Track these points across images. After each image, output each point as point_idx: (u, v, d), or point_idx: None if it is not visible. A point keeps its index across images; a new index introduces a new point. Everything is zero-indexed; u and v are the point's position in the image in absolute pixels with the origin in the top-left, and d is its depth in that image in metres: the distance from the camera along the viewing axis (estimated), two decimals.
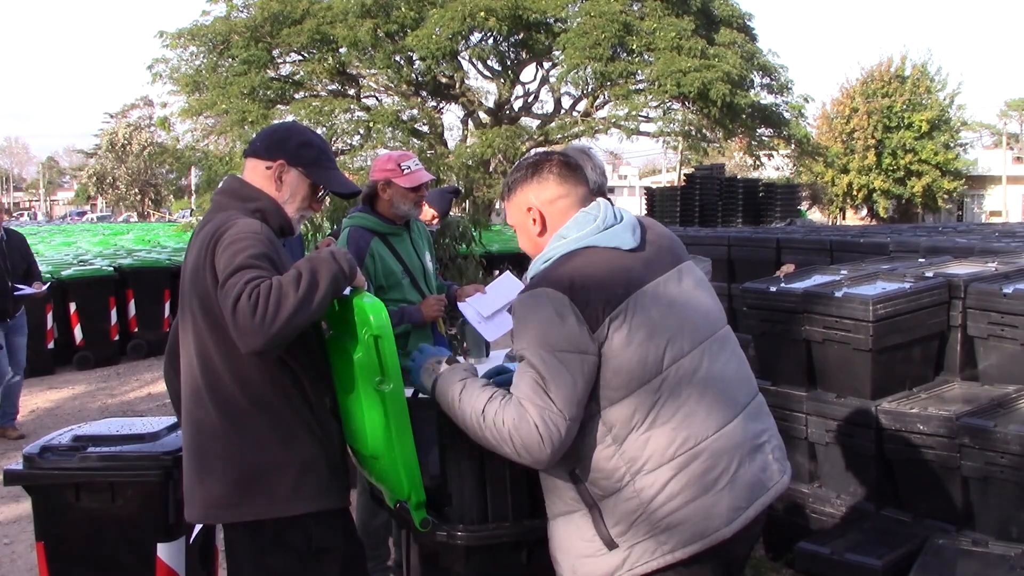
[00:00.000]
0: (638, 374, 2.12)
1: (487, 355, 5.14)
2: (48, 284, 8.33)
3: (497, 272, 9.76)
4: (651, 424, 2.13)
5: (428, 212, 4.99)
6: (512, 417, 2.08)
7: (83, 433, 3.40)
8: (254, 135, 2.70)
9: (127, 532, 3.22)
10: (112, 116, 61.83)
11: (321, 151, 2.55)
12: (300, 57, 26.84)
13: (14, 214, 71.71)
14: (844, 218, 39.91)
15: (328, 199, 3.13)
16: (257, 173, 2.50)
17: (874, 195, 37.48)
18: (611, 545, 2.15)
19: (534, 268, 2.29)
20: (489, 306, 4.03)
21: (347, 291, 2.35)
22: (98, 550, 3.24)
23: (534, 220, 2.33)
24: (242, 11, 26.65)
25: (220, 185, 2.57)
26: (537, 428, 2.06)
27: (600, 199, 2.36)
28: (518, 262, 11.97)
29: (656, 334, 2.14)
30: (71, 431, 3.45)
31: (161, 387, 8.11)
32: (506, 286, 4.09)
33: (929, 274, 4.35)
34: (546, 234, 2.32)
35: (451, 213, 9.69)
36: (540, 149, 24.58)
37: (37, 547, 3.25)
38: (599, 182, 3.67)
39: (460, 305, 4.09)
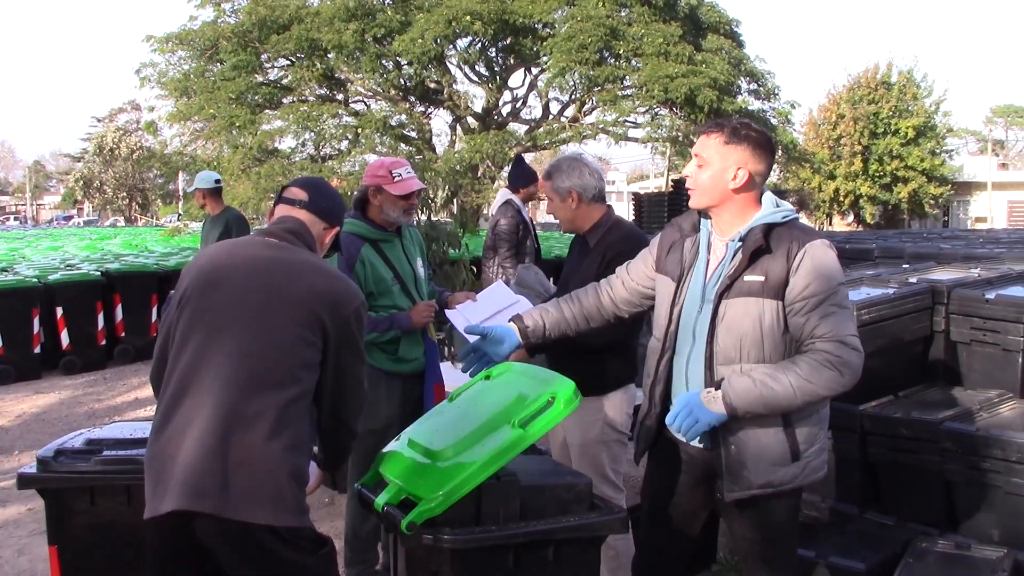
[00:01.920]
0: None
1: None
2: None
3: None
4: None
5: None
6: (835, 356, 2.55)
7: (96, 436, 3.39)
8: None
9: (142, 537, 3.21)
10: (99, 120, 61.59)
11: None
12: (288, 62, 26.82)
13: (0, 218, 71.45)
14: (831, 224, 40.05)
15: None
16: (314, 229, 2.75)
17: (861, 201, 37.62)
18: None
19: (773, 217, 2.69)
20: (478, 314, 4.04)
21: None
22: (113, 554, 3.23)
23: (735, 176, 2.69)
24: (230, 16, 26.62)
25: (287, 224, 2.71)
26: (857, 352, 2.58)
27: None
28: None
29: None
30: (83, 434, 3.43)
31: (148, 392, 8.09)
32: (497, 295, 4.10)
33: (913, 280, 4.39)
34: (743, 193, 2.71)
35: (440, 218, 9.71)
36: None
37: (50, 551, 3.24)
38: (599, 187, 3.71)
39: (448, 312, 4.09)
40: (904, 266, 5.26)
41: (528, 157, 36.38)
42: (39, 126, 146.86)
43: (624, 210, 33.29)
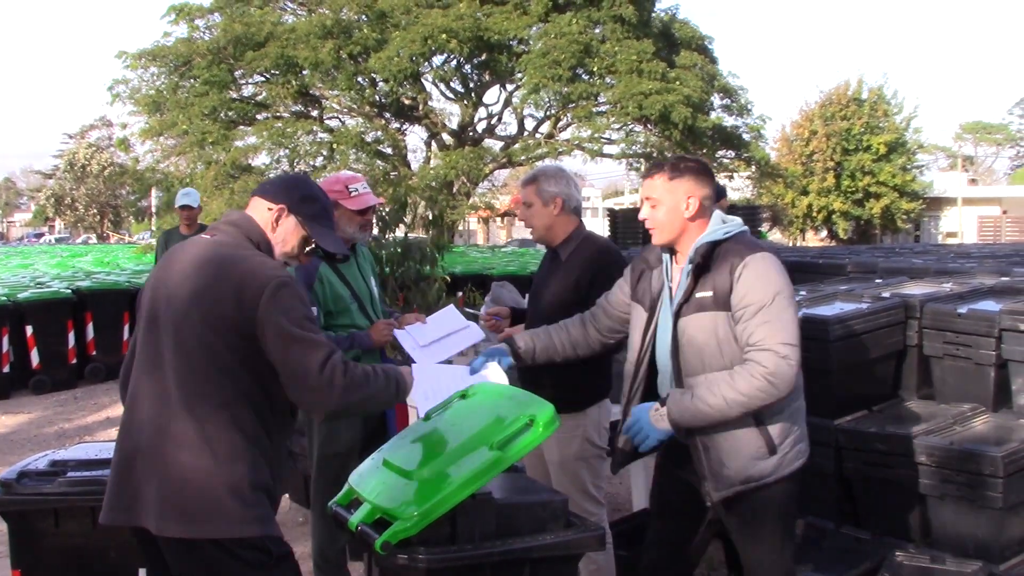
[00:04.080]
0: None
1: None
2: None
3: (460, 294, 9.79)
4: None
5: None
6: (766, 365, 2.67)
7: (60, 458, 3.35)
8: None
9: (108, 558, 3.16)
10: (71, 137, 61.20)
11: (324, 209, 2.70)
12: (263, 78, 26.75)
13: None
14: (804, 239, 40.35)
15: None
16: (258, 211, 2.62)
17: (833, 216, 37.93)
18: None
19: (714, 235, 2.85)
20: (427, 336, 4.01)
21: None
22: None
23: (687, 207, 2.89)
24: (204, 33, 26.54)
25: (228, 217, 2.65)
26: (787, 360, 2.69)
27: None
28: (480, 283, 11.98)
29: None
30: (47, 456, 3.39)
31: (119, 411, 7.99)
32: (447, 319, 4.09)
33: (886, 295, 4.41)
34: (697, 220, 2.90)
35: (414, 234, 9.67)
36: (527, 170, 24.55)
37: (13, 575, 3.19)
38: (579, 200, 3.73)
39: (396, 332, 4.03)
40: (877, 281, 5.28)
41: (503, 173, 36.53)
42: (9, 143, 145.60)
43: (599, 225, 33.39)
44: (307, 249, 2.69)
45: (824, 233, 40.15)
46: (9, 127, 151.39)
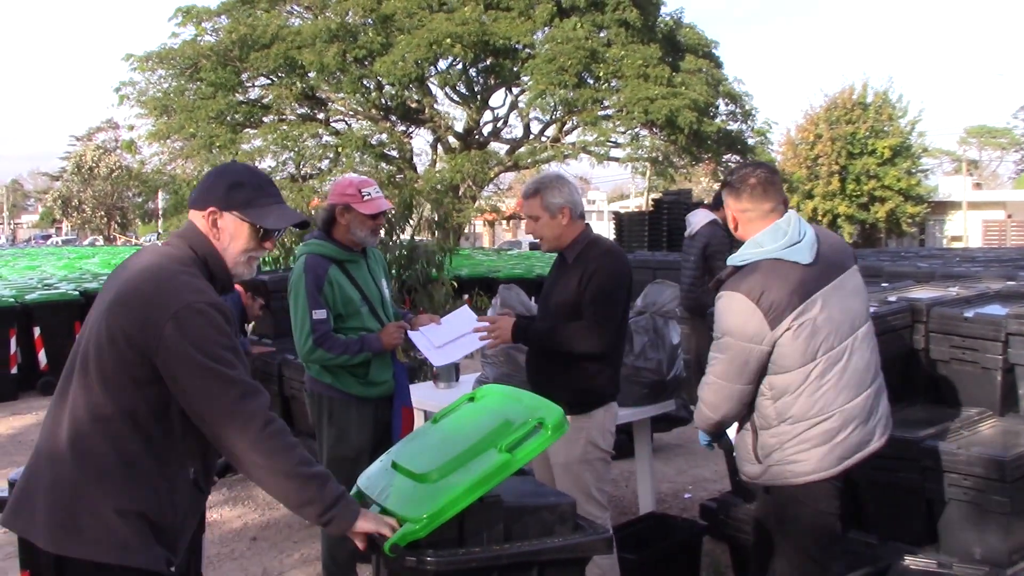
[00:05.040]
0: (799, 360, 2.94)
1: (457, 379, 5.15)
2: None
3: (467, 297, 9.81)
4: (799, 393, 2.97)
5: None
6: (708, 394, 3.09)
7: None
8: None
9: None
10: (78, 139, 61.31)
11: (255, 188, 2.45)
12: (269, 81, 26.82)
13: None
14: None
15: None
16: (197, 224, 2.42)
17: (838, 220, 37.86)
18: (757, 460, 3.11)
19: (734, 260, 3.08)
20: (441, 337, 4.03)
21: None
22: None
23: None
24: (211, 35, 26.63)
25: (183, 227, 2.47)
26: (718, 394, 3.06)
27: (791, 212, 3.09)
28: (487, 286, 11.99)
29: (817, 333, 2.94)
30: None
31: None
32: (461, 319, 4.10)
33: (892, 299, 4.41)
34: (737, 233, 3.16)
35: (420, 238, 9.70)
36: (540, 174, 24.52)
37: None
38: (582, 204, 3.74)
39: (411, 333, 4.05)
40: (883, 285, 5.29)
41: (508, 177, 36.57)
42: (17, 145, 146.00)
43: (605, 229, 33.39)
44: (264, 238, 2.46)
45: None
46: (16, 129, 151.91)
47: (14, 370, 9.69)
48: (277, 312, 6.44)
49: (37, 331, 9.90)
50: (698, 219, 7.35)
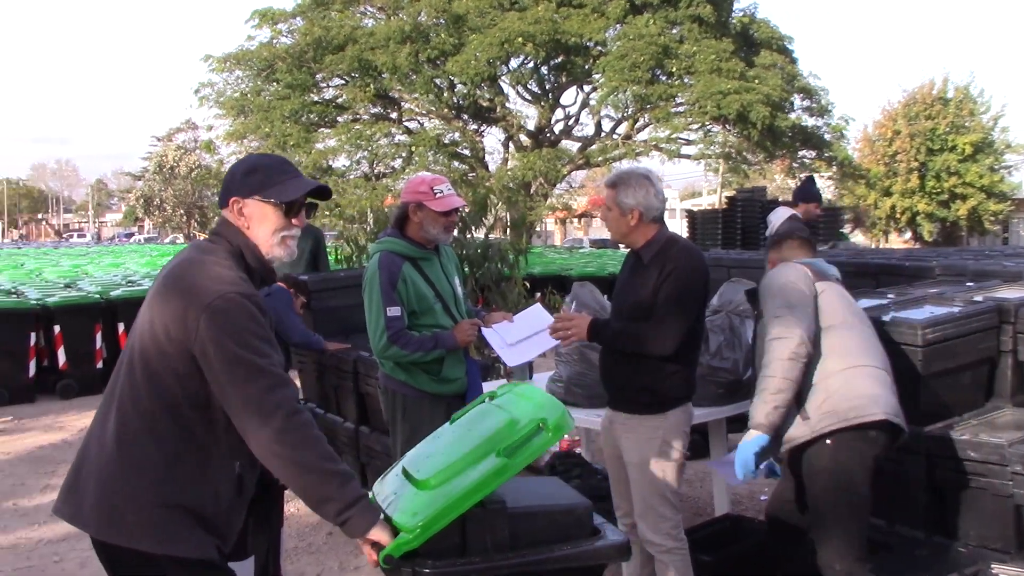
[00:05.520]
0: (839, 313, 3.51)
1: (530, 378, 5.15)
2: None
3: (539, 295, 9.80)
4: (843, 338, 3.46)
5: None
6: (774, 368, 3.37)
7: None
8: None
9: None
10: (159, 140, 62.87)
11: (268, 169, 2.48)
12: (343, 81, 27.15)
13: (64, 235, 73.16)
14: (887, 241, 39.45)
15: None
16: (228, 217, 2.47)
17: (918, 218, 37.02)
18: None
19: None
20: (514, 334, 4.02)
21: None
22: None
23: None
24: (286, 36, 27.06)
25: (217, 223, 2.52)
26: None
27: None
28: (559, 285, 11.97)
29: (844, 298, 3.59)
30: None
31: None
32: (534, 317, 4.08)
33: (978, 298, 4.29)
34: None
35: (494, 236, 9.73)
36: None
37: None
38: (661, 209, 3.66)
39: (484, 331, 4.05)
40: (968, 284, 5.14)
41: (580, 174, 36.50)
42: (101, 146, 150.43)
43: (677, 227, 33.12)
44: (289, 214, 2.47)
45: (908, 235, 39.20)
46: (101, 130, 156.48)
47: (99, 365, 9.91)
48: (317, 312, 6.48)
49: (121, 327, 10.11)
50: (778, 217, 7.20)
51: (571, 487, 2.66)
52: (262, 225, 2.44)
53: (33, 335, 9.53)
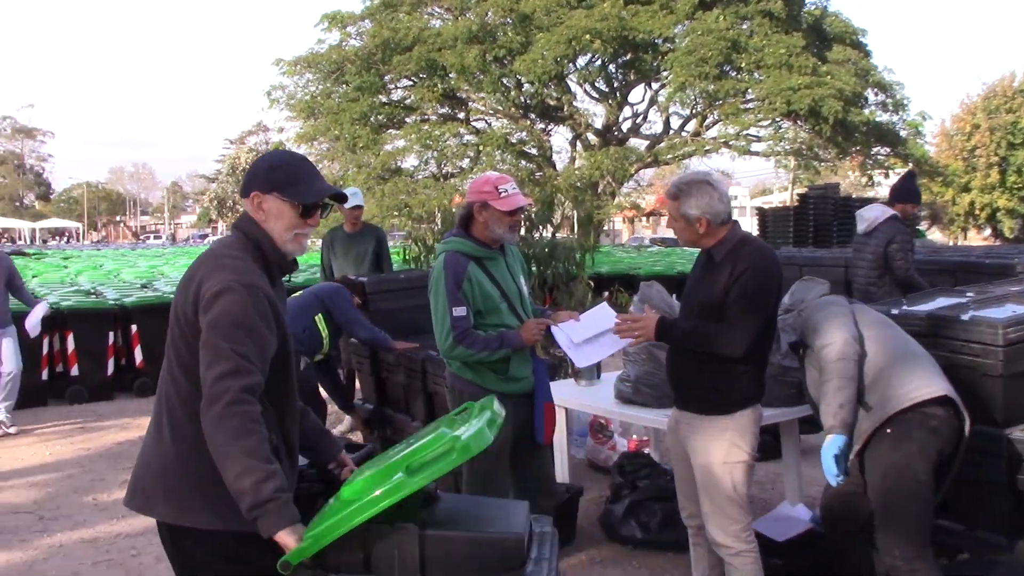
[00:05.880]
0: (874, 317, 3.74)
1: (598, 377, 5.12)
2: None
3: (606, 294, 9.75)
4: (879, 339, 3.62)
5: None
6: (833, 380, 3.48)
7: None
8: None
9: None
10: (232, 142, 64.22)
11: (291, 168, 2.58)
12: (410, 82, 27.36)
13: (140, 236, 75.05)
14: (966, 238, 38.48)
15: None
16: (248, 209, 2.58)
17: (998, 214, 36.05)
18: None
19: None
20: (581, 333, 3.98)
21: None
22: None
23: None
24: (355, 39, 27.37)
25: (239, 218, 2.63)
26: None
27: None
28: (627, 283, 11.90)
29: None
30: None
31: None
32: (601, 315, 4.03)
33: None
34: None
35: (561, 234, 9.70)
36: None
37: None
38: (727, 210, 3.58)
39: (552, 329, 4.02)
40: None
41: (648, 172, 36.25)
42: (177, 149, 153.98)
43: (748, 225, 32.72)
44: (305, 215, 2.56)
45: (988, 232, 38.18)
46: (175, 133, 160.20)
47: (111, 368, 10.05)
48: (374, 314, 6.49)
49: None
50: (874, 214, 6.86)
51: (529, 517, 2.49)
52: (279, 221, 2.54)
53: (111, 334, 9.74)
